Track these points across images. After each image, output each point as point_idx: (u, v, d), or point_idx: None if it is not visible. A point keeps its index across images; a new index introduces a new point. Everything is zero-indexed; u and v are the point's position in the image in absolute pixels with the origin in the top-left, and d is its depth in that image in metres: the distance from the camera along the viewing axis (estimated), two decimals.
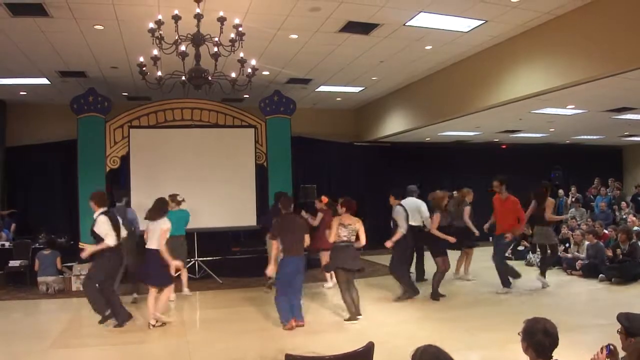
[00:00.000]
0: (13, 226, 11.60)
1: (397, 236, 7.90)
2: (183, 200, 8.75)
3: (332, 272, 8.91)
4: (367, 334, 6.18)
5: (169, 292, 6.95)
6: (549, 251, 9.02)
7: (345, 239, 6.83)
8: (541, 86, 7.97)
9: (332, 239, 6.87)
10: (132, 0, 6.62)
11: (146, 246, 6.79)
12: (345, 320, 6.92)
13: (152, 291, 6.73)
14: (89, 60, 9.20)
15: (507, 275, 8.49)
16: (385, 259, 9.28)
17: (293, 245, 6.61)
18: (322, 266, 8.44)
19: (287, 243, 6.60)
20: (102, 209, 6.60)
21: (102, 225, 6.47)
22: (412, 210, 8.50)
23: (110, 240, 6.44)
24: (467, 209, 9.46)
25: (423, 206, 8.83)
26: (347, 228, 6.84)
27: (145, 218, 6.91)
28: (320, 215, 9.16)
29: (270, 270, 6.81)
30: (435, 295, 8.03)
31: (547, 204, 8.86)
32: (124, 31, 7.72)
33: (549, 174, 16.39)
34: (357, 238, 6.92)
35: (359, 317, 6.89)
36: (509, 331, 4.36)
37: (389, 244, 8.01)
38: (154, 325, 6.63)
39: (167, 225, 6.77)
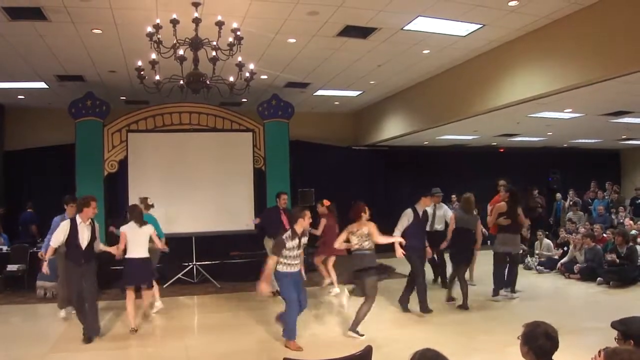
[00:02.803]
0: (34, 227, 11.50)
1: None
2: (152, 205, 8.47)
3: (335, 276, 8.90)
4: (366, 337, 6.18)
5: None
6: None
7: (356, 246, 6.54)
8: (539, 90, 7.99)
9: (336, 244, 6.74)
10: (130, 5, 6.63)
11: (131, 255, 6.73)
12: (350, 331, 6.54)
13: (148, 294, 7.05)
14: (87, 64, 9.21)
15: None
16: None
17: None
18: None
19: None
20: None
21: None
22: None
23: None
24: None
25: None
26: (356, 234, 6.54)
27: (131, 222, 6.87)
28: (323, 222, 9.00)
29: None
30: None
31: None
32: (122, 35, 7.73)
33: (546, 177, 16.43)
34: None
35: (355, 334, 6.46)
36: (507, 335, 4.37)
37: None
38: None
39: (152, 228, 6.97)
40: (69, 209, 7.55)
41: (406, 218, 7.51)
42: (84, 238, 6.29)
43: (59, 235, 6.27)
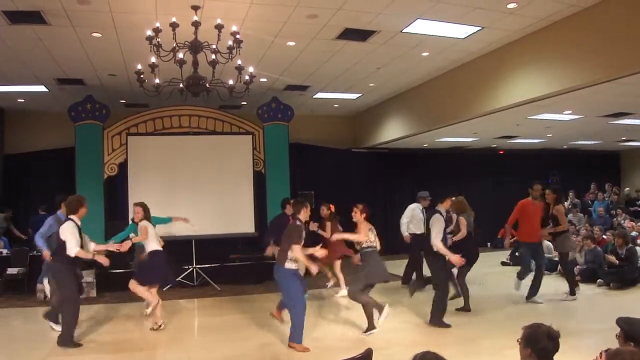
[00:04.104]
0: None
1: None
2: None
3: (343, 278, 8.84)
4: (366, 340, 6.18)
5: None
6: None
7: (374, 244, 6.57)
8: (538, 92, 7.99)
9: (362, 237, 6.51)
10: (130, 8, 6.64)
11: (151, 248, 6.95)
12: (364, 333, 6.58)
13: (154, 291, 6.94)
14: (86, 68, 9.22)
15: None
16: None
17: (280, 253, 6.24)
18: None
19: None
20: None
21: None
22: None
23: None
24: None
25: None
26: (373, 232, 6.60)
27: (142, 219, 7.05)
28: (328, 225, 8.82)
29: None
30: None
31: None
32: (122, 39, 7.74)
33: (546, 179, 16.44)
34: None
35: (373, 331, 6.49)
36: (507, 337, 4.36)
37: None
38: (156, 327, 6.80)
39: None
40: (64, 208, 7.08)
41: (439, 224, 6.83)
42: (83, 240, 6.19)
43: (76, 239, 5.97)
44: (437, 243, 6.69)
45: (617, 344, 3.11)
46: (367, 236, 6.54)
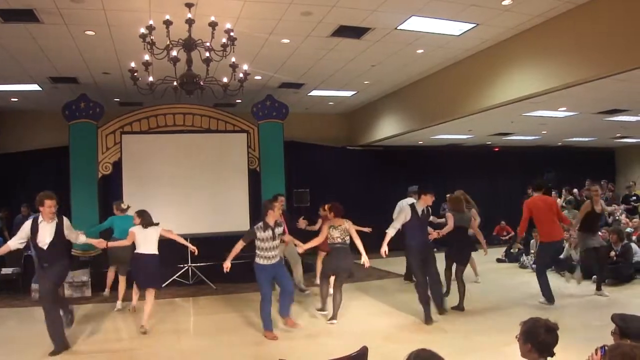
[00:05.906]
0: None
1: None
2: (128, 207, 8.77)
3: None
4: (361, 338, 6.16)
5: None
6: None
7: (339, 240, 7.07)
8: (533, 89, 8.01)
9: (320, 239, 7.26)
10: (123, 6, 6.60)
11: (142, 251, 7.03)
12: (317, 309, 7.57)
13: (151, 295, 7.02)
14: (80, 66, 9.17)
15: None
16: (377, 263, 9.25)
17: None
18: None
19: None
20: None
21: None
22: None
23: None
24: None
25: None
26: (338, 229, 7.08)
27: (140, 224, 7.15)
28: (320, 221, 8.92)
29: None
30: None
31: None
32: (115, 37, 7.70)
33: (541, 176, 16.46)
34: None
35: (333, 321, 7.03)
36: (503, 334, 4.37)
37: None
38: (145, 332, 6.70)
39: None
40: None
41: (403, 215, 7.14)
42: (44, 237, 5.89)
43: (20, 234, 5.97)
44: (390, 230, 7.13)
45: (613, 341, 3.11)
46: (325, 236, 7.17)
